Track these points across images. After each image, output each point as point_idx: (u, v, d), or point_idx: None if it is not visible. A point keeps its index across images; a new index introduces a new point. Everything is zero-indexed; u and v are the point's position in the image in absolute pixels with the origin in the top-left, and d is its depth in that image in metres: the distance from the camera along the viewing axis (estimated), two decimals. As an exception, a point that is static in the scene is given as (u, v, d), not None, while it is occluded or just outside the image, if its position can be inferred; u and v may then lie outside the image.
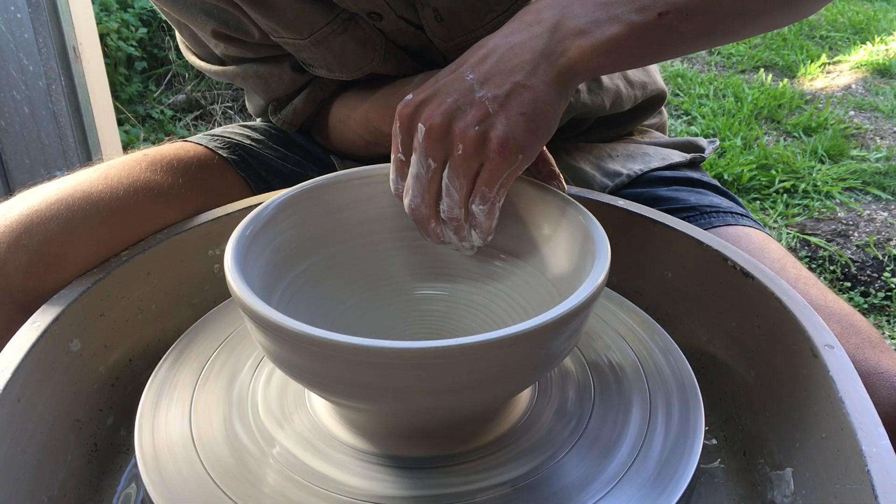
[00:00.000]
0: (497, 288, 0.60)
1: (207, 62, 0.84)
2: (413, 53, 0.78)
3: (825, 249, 1.91)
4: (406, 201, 0.55)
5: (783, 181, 2.20)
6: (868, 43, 3.37)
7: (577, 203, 0.56)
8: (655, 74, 0.91)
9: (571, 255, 0.55)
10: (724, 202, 0.81)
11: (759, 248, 0.71)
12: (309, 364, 0.44)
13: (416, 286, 0.62)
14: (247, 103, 0.90)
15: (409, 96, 0.54)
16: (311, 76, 0.81)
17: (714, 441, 0.59)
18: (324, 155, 0.87)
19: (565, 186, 0.58)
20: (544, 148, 0.58)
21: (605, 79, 0.84)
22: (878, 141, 2.52)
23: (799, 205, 2.12)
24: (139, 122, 2.39)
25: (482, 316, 0.60)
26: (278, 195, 0.57)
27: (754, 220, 0.80)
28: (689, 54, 0.60)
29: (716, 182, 0.87)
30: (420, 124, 0.52)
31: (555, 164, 0.59)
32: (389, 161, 0.57)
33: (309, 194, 0.58)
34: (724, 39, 0.60)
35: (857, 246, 1.94)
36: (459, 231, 0.55)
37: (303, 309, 0.56)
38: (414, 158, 0.53)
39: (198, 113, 2.52)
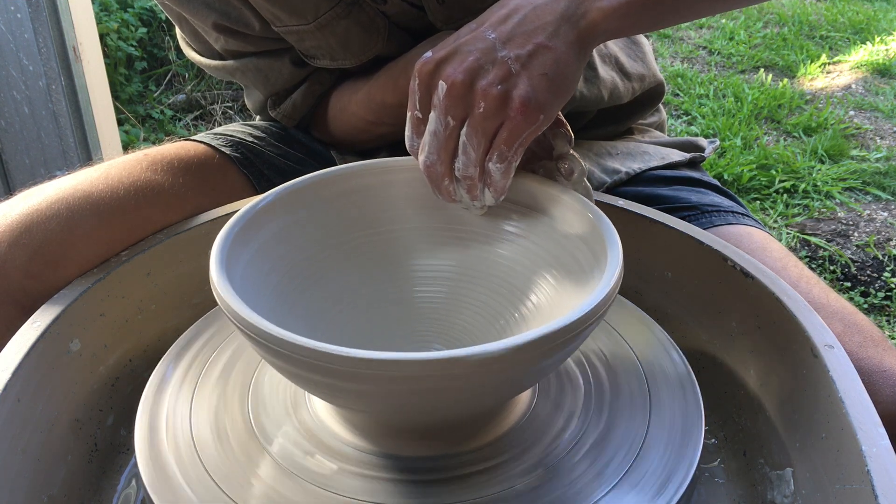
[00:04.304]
0: (510, 248, 0.59)
1: (207, 58, 0.84)
2: (415, 36, 0.79)
3: (825, 249, 1.91)
4: (421, 158, 0.55)
5: (783, 181, 2.20)
6: (868, 43, 3.36)
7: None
8: (653, 66, 0.91)
9: (582, 222, 0.55)
10: (724, 201, 0.81)
11: (760, 248, 0.71)
12: (304, 373, 0.44)
13: (417, 281, 0.62)
14: (246, 100, 0.90)
15: (429, 53, 0.54)
16: (310, 70, 0.81)
17: (714, 441, 0.59)
18: (325, 152, 0.87)
19: (572, 136, 0.59)
20: None
21: (601, 70, 0.84)
22: (878, 141, 2.52)
23: (799, 205, 2.12)
24: (139, 122, 2.38)
25: (492, 287, 0.60)
26: (273, 194, 0.57)
27: (755, 220, 0.80)
28: (706, 16, 0.60)
29: (716, 182, 0.87)
30: (441, 81, 0.52)
31: (561, 114, 0.59)
32: (387, 151, 0.57)
33: (305, 188, 0.58)
34: (740, 3, 0.61)
35: (857, 246, 1.94)
36: (472, 190, 0.55)
37: (298, 300, 0.56)
38: (432, 116, 0.53)
39: (198, 113, 2.52)
